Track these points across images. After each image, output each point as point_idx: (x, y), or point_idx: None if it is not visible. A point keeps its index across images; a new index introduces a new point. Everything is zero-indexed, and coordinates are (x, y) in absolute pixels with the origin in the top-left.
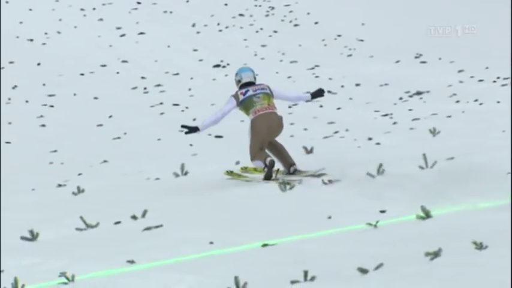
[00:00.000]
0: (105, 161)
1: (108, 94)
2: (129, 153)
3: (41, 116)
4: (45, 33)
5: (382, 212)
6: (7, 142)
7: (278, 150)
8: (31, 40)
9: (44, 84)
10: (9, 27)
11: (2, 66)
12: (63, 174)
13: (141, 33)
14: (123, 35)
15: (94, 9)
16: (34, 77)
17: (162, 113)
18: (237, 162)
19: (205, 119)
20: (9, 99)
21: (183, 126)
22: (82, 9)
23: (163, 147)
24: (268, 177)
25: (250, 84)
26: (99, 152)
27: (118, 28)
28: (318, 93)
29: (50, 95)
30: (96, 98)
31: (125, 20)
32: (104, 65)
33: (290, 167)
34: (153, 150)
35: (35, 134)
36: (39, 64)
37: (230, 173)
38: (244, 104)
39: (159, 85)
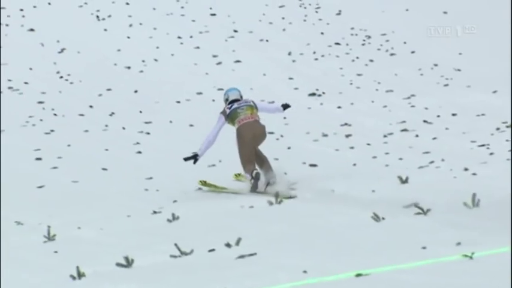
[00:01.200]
0: (199, 188)
1: (203, 121)
2: (223, 180)
3: (137, 143)
4: (143, 61)
5: (477, 243)
6: (103, 169)
7: (262, 162)
8: (128, 68)
9: (140, 111)
10: (107, 54)
11: (99, 93)
12: (159, 200)
13: (237, 61)
14: (219, 63)
15: (191, 37)
16: (131, 104)
17: None
18: (332, 191)
19: (202, 144)
20: (106, 126)
21: (185, 159)
22: (179, 37)
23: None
24: (254, 189)
25: (237, 100)
26: (194, 179)
27: (214, 56)
28: (286, 106)
29: (147, 122)
30: (191, 125)
31: (222, 48)
32: (200, 93)
33: (267, 184)
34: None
35: (131, 161)
36: (136, 91)
37: (204, 183)
38: (231, 117)
39: None
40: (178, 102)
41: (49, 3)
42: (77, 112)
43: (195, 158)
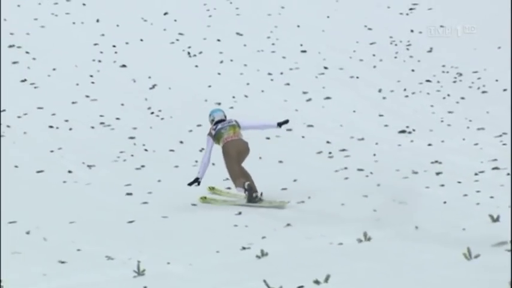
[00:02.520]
0: (288, 224)
1: (293, 158)
2: (312, 217)
3: (227, 179)
4: (233, 97)
5: None
6: (193, 204)
7: (246, 178)
8: (219, 103)
9: None
10: (198, 91)
11: (189, 129)
12: (247, 236)
13: (327, 97)
14: (309, 100)
15: (281, 73)
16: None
17: (346, 178)
18: (422, 228)
19: (199, 168)
20: (196, 161)
21: (189, 184)
22: (269, 74)
23: (346, 212)
24: (250, 200)
25: (222, 121)
26: (284, 215)
27: (304, 92)
28: (284, 123)
29: None
30: (280, 161)
31: (311, 84)
32: (290, 129)
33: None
34: (336, 214)
35: None
36: None
37: (204, 198)
38: (216, 137)
39: (344, 150)
40: (268, 138)
41: (141, 40)
42: (167, 148)
43: (197, 181)
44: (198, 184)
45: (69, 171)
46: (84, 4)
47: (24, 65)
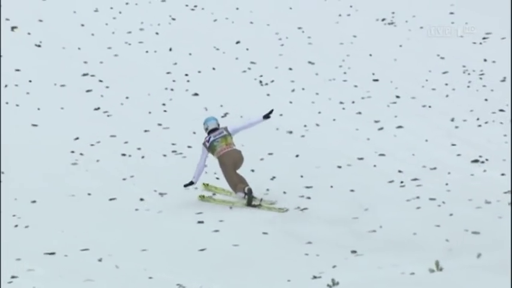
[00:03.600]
0: (359, 253)
1: (364, 187)
2: (383, 246)
3: (298, 207)
4: (305, 126)
5: None
6: (264, 233)
7: (242, 180)
8: (290, 132)
9: (301, 176)
10: (270, 119)
11: (261, 157)
12: (318, 265)
13: (399, 126)
14: (381, 128)
15: (353, 102)
16: (292, 169)
17: (418, 207)
18: (489, 258)
19: (194, 173)
20: (268, 190)
21: (185, 186)
22: (341, 102)
23: (418, 241)
24: (249, 203)
25: (215, 130)
26: (355, 244)
27: (376, 121)
28: (269, 113)
29: (307, 187)
30: (352, 190)
31: (383, 113)
32: (361, 158)
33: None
34: (408, 244)
35: (292, 225)
36: (297, 156)
37: (202, 197)
38: (211, 149)
39: (416, 179)
40: (340, 167)
41: (213, 69)
42: None
43: (192, 184)
44: (192, 184)
45: (141, 199)
46: (157, 33)
47: (98, 94)
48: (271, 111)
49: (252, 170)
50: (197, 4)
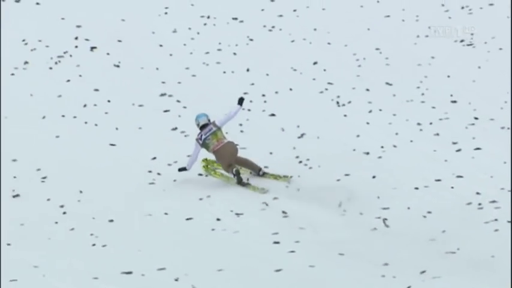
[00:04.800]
0: (436, 276)
1: (441, 209)
2: (461, 269)
3: (375, 229)
4: (381, 147)
5: None
6: (340, 254)
7: (245, 163)
8: (367, 153)
9: (378, 197)
10: (346, 140)
11: (337, 178)
12: (392, 287)
13: (477, 148)
14: (458, 150)
15: (431, 123)
16: (369, 190)
17: (496, 230)
18: None
19: (188, 162)
20: (345, 211)
21: (179, 170)
22: (419, 124)
23: (496, 265)
24: (239, 182)
25: (206, 125)
26: (432, 266)
27: (454, 143)
28: (241, 100)
29: (384, 208)
30: (429, 212)
31: (461, 135)
32: (439, 180)
33: (259, 171)
34: (486, 266)
35: (368, 247)
36: (374, 177)
37: (206, 167)
38: (204, 146)
39: (494, 201)
40: (417, 188)
41: (290, 89)
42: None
43: (185, 169)
44: (185, 170)
45: (218, 219)
46: (234, 53)
47: (175, 114)
48: (242, 98)
49: (329, 190)
50: (275, 25)
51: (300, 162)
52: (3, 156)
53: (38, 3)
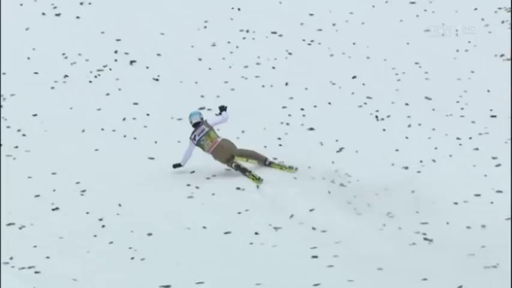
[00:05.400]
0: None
1: (480, 224)
2: (501, 284)
3: (413, 243)
4: (420, 161)
5: None
6: (379, 268)
7: (250, 155)
8: (406, 168)
9: (417, 212)
10: (385, 154)
11: (376, 193)
12: None
13: None
14: (498, 165)
15: (470, 138)
16: (407, 204)
17: None
18: None
19: (182, 157)
20: (384, 225)
21: (173, 166)
22: (458, 138)
23: None
24: (243, 172)
25: (199, 124)
26: (472, 282)
27: (494, 158)
28: (222, 108)
29: (423, 223)
30: (468, 227)
31: (501, 150)
32: (478, 195)
33: (265, 161)
34: None
35: (405, 261)
36: (413, 191)
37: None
38: (199, 146)
39: None
40: (456, 203)
41: (329, 103)
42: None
43: (180, 165)
44: (180, 166)
45: (256, 233)
46: (273, 67)
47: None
48: (222, 107)
49: (369, 205)
50: (314, 39)
51: (339, 176)
52: (43, 169)
53: (78, 17)
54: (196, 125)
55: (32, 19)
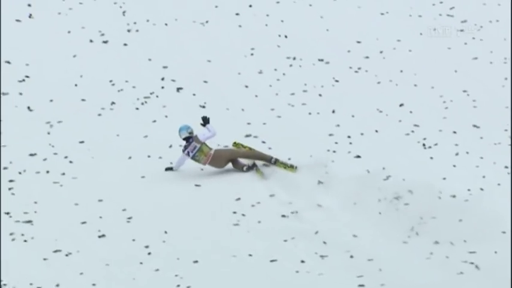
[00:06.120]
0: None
1: None
2: None
3: (461, 273)
4: (468, 190)
5: None
6: None
7: (257, 156)
8: (453, 196)
9: (464, 241)
10: (432, 182)
11: (420, 217)
12: None
13: None
14: None
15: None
16: (455, 233)
17: None
18: None
19: (176, 163)
20: (431, 253)
21: (166, 169)
22: (506, 167)
23: None
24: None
25: (189, 138)
26: None
27: None
28: (205, 120)
29: (471, 252)
30: None
31: None
32: None
33: (271, 160)
34: None
35: None
36: (460, 220)
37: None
38: (194, 160)
39: None
40: (504, 232)
41: (376, 131)
42: (400, 239)
43: (171, 169)
44: (172, 169)
45: (302, 261)
46: (320, 95)
47: None
48: (207, 118)
49: (417, 233)
50: (361, 66)
51: (386, 204)
52: (90, 196)
53: (125, 44)
54: (187, 139)
55: (79, 46)
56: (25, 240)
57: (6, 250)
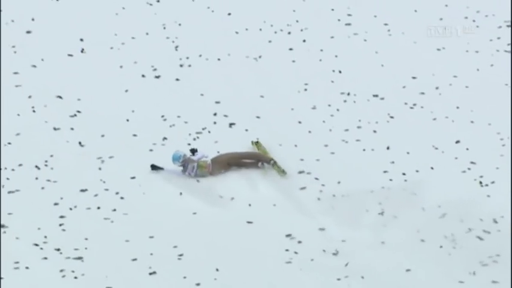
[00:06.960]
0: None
1: None
2: None
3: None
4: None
5: None
6: None
7: (255, 157)
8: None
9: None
10: (491, 221)
11: (485, 263)
12: None
13: None
14: None
15: None
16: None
17: None
18: None
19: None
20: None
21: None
22: None
23: None
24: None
25: (185, 163)
26: None
27: None
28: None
29: None
30: None
31: None
32: None
33: (270, 161)
34: None
35: None
36: None
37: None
38: (198, 177)
39: None
40: None
41: (432, 168)
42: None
43: (161, 169)
44: (162, 169)
45: None
46: (374, 131)
47: (315, 190)
48: (194, 149)
49: (473, 273)
50: (416, 102)
51: (443, 242)
52: (140, 232)
53: (177, 79)
54: (183, 165)
55: (131, 81)
56: (75, 277)
57: (57, 287)
